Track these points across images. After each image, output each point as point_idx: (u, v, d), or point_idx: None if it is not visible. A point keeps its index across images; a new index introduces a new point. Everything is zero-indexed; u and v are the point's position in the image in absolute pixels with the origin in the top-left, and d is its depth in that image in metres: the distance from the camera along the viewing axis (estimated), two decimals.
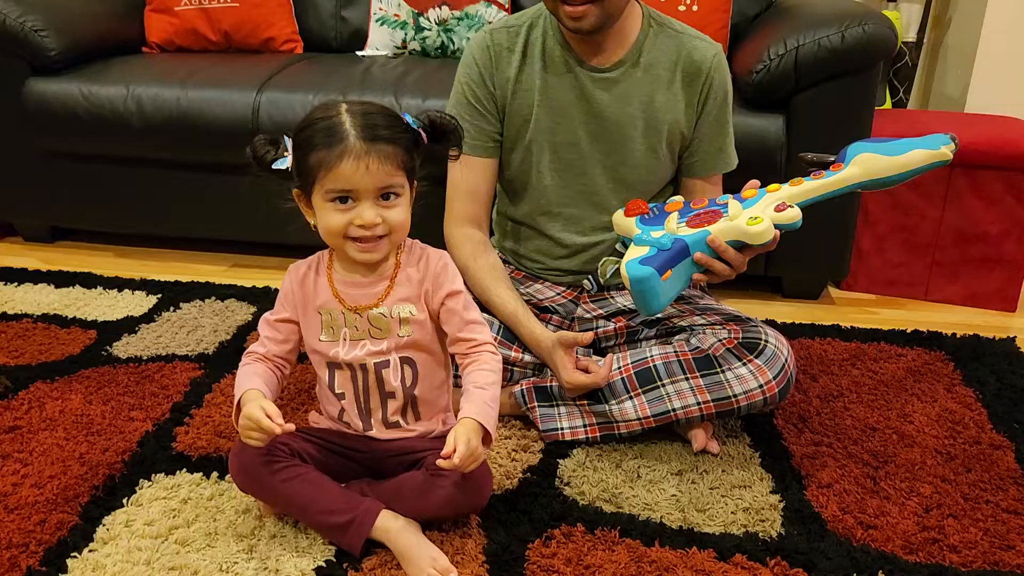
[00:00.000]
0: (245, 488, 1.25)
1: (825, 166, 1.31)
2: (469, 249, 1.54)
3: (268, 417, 1.12)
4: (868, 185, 1.29)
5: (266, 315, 1.27)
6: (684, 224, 1.30)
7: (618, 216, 1.36)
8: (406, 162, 1.16)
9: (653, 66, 1.48)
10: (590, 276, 1.51)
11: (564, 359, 1.44)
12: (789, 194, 1.29)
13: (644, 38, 1.48)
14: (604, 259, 1.37)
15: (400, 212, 1.17)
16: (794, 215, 1.25)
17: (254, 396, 1.17)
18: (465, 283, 1.52)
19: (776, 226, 1.25)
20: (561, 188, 1.55)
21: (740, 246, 1.28)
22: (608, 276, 1.37)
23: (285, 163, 1.16)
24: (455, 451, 1.10)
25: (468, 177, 1.55)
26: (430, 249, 1.26)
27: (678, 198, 1.39)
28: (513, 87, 1.51)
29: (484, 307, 1.52)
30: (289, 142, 1.17)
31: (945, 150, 1.27)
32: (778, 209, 1.25)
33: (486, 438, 1.16)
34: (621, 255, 1.33)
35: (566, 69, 1.49)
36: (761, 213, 1.26)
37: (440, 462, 1.11)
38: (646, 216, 1.34)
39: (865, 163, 1.27)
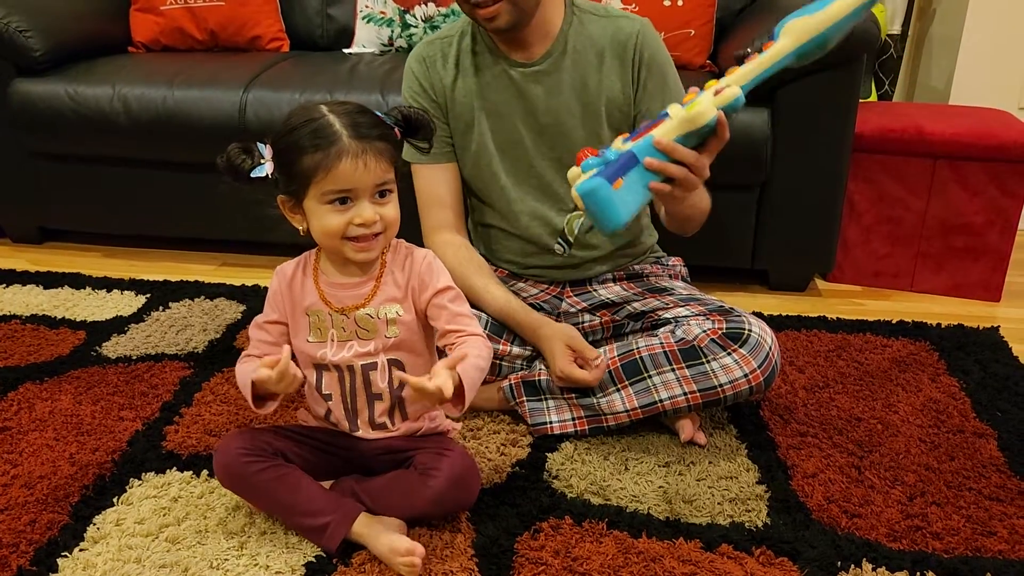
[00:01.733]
0: (228, 486, 1.26)
1: (759, 50, 1.27)
2: (451, 252, 1.55)
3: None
4: (806, 50, 1.23)
5: (256, 319, 1.28)
6: (629, 141, 1.26)
7: (572, 170, 1.29)
8: (394, 158, 1.17)
9: (581, 52, 1.50)
10: (559, 240, 1.51)
11: (564, 350, 1.45)
12: (727, 80, 1.25)
13: (568, 26, 1.50)
14: (569, 215, 1.35)
15: (393, 208, 1.18)
16: (732, 92, 1.20)
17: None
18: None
19: (719, 108, 1.21)
20: (516, 187, 1.57)
21: (694, 144, 1.24)
22: (576, 232, 1.35)
23: (263, 171, 1.15)
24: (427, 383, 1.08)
25: (433, 185, 1.58)
26: (415, 248, 1.26)
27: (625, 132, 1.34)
28: (451, 95, 1.54)
29: (475, 306, 1.53)
30: (266, 149, 1.16)
31: None
32: (716, 92, 1.21)
33: (459, 400, 1.13)
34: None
35: (498, 70, 1.52)
36: (698, 99, 1.22)
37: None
38: (596, 156, 1.27)
39: (794, 29, 1.22)
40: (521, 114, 1.53)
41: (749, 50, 1.28)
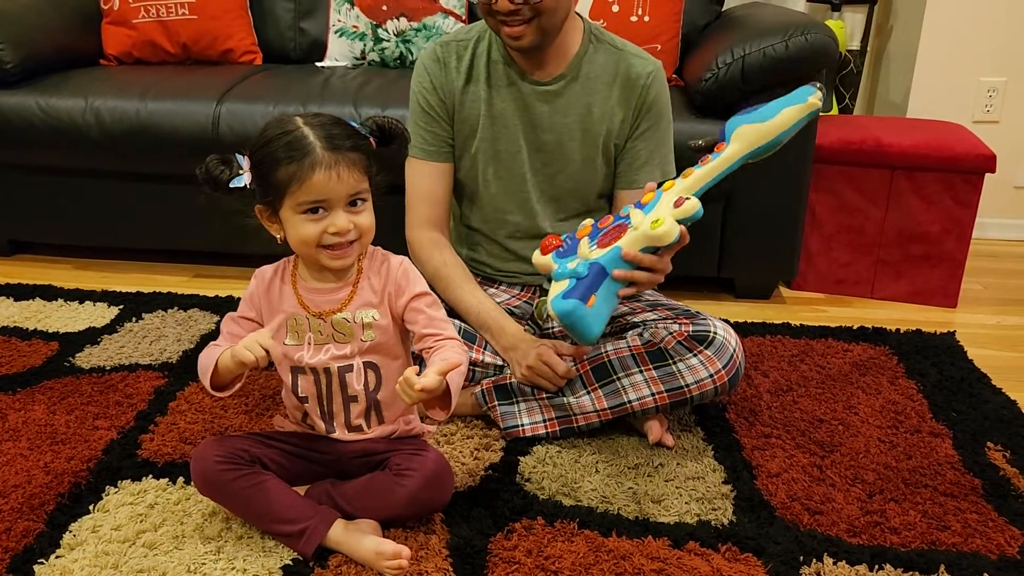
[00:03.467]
0: (205, 493, 1.27)
1: (710, 149, 1.35)
2: (435, 252, 1.59)
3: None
4: (755, 154, 1.32)
5: (230, 314, 1.30)
6: (595, 247, 1.33)
7: (536, 256, 1.38)
8: (368, 168, 1.20)
9: (592, 79, 1.55)
10: (528, 322, 1.56)
11: (536, 352, 1.48)
12: (684, 187, 1.32)
13: (584, 52, 1.55)
14: (537, 301, 1.42)
15: (368, 216, 1.21)
16: (692, 206, 1.27)
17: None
18: (432, 286, 1.57)
19: (679, 221, 1.28)
20: (504, 195, 1.61)
21: (654, 250, 1.31)
22: (545, 316, 1.42)
23: (242, 181, 1.18)
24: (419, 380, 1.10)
25: (426, 182, 1.61)
26: (391, 255, 1.29)
27: (587, 222, 1.41)
28: (460, 98, 1.58)
29: (451, 310, 1.56)
30: (244, 160, 1.19)
31: (812, 100, 1.31)
32: (676, 204, 1.28)
33: (444, 405, 1.18)
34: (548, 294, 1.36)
35: (509, 82, 1.56)
36: (661, 214, 1.29)
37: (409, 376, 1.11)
38: (561, 248, 1.36)
39: (744, 136, 1.31)
40: (523, 128, 1.57)
41: (702, 143, 1.38)
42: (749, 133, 1.31)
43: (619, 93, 1.55)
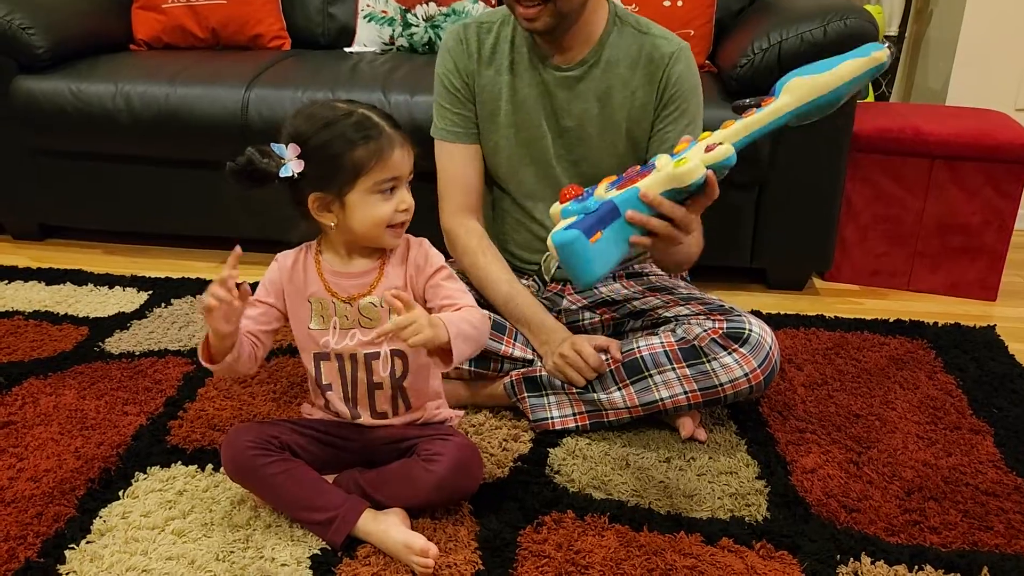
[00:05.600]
0: (235, 479, 1.27)
1: (757, 105, 1.22)
2: (475, 243, 1.57)
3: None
4: (806, 110, 1.18)
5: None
6: (614, 189, 1.21)
7: (554, 207, 1.26)
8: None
9: (613, 64, 1.51)
10: (535, 277, 1.51)
11: (570, 342, 1.47)
12: (721, 136, 1.19)
13: (608, 36, 1.51)
14: (546, 255, 1.35)
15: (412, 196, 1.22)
16: (725, 151, 1.15)
17: None
18: (468, 278, 1.55)
19: (709, 167, 1.15)
20: (536, 181, 1.59)
21: (680, 200, 1.19)
22: (553, 271, 1.35)
23: (289, 170, 1.15)
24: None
25: (458, 166, 1.59)
26: (409, 236, 1.27)
27: (612, 175, 1.28)
28: (479, 81, 1.55)
29: (485, 296, 1.55)
30: (289, 149, 1.15)
31: (877, 54, 1.16)
32: (708, 149, 1.16)
33: (448, 354, 1.14)
34: None
35: (531, 67, 1.53)
36: (688, 155, 1.17)
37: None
38: (580, 197, 1.23)
39: (797, 88, 1.17)
40: (545, 114, 1.55)
41: (748, 101, 1.24)
42: (802, 85, 1.16)
43: (641, 76, 1.51)
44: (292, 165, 1.15)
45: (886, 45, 1.20)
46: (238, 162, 1.14)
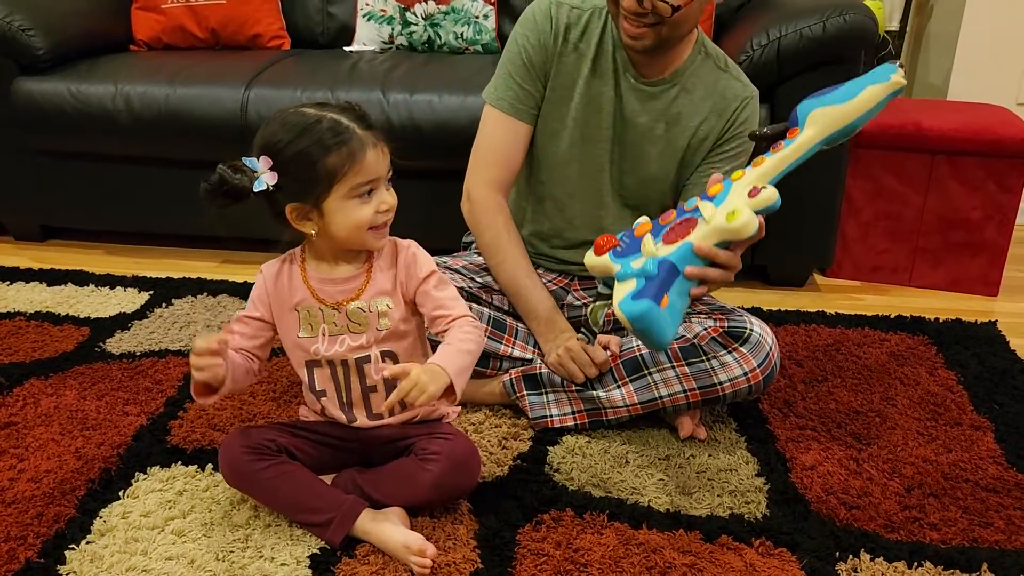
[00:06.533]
0: (233, 484, 1.27)
1: (782, 135, 1.23)
2: (503, 222, 1.54)
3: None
4: (833, 138, 1.21)
5: (239, 313, 1.28)
6: (661, 243, 1.21)
7: (589, 257, 1.26)
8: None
9: (690, 91, 1.50)
10: (583, 329, 1.48)
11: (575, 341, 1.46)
12: (757, 175, 1.21)
13: (691, 64, 1.50)
14: (592, 306, 1.33)
15: (394, 193, 1.20)
16: (770, 195, 1.16)
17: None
18: (484, 255, 1.54)
19: (756, 212, 1.17)
20: (578, 179, 1.56)
21: (727, 244, 1.20)
22: (601, 323, 1.33)
23: (262, 184, 1.13)
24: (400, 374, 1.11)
25: (507, 141, 1.54)
26: (397, 239, 1.26)
27: (644, 219, 1.28)
28: (562, 64, 1.51)
29: (500, 284, 1.55)
30: (261, 162, 1.13)
31: (896, 78, 1.19)
32: (752, 195, 1.17)
33: (450, 391, 1.15)
34: (607, 298, 1.26)
35: (612, 69, 1.50)
36: (737, 205, 1.17)
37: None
38: (618, 248, 1.24)
39: (821, 119, 1.20)
40: (613, 119, 1.52)
41: (767, 131, 1.26)
42: (826, 116, 1.19)
43: (712, 108, 1.49)
44: (265, 178, 1.13)
45: (899, 65, 1.20)
46: (211, 181, 1.12)
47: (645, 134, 1.52)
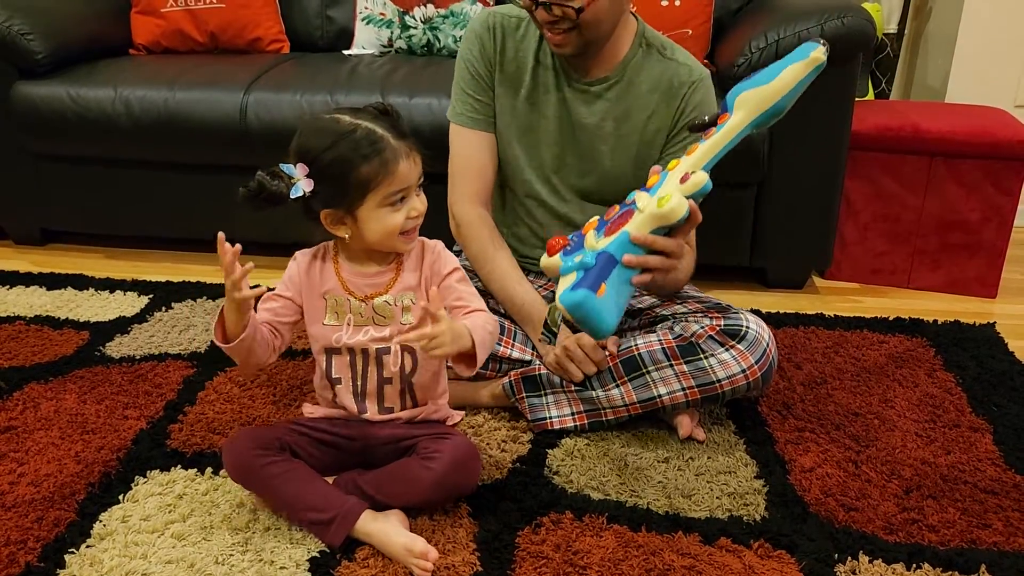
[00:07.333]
0: (237, 480, 1.28)
1: (714, 122, 1.26)
2: (487, 233, 1.56)
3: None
4: (762, 120, 1.23)
5: (267, 292, 1.29)
6: (602, 236, 1.25)
7: (543, 260, 1.29)
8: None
9: (635, 85, 1.51)
10: (543, 331, 1.51)
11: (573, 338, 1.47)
12: (689, 163, 1.24)
13: (632, 57, 1.51)
14: (550, 306, 1.37)
15: (425, 197, 1.23)
16: (700, 179, 1.19)
17: None
18: (474, 267, 1.56)
19: (688, 197, 1.20)
20: (538, 183, 1.59)
21: (666, 231, 1.23)
22: (559, 323, 1.37)
23: (300, 190, 1.16)
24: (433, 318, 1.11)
25: (475, 153, 1.57)
26: (424, 239, 1.29)
27: (594, 218, 1.32)
28: (505, 72, 1.54)
29: (494, 293, 1.56)
30: (297, 168, 1.16)
31: (815, 54, 1.20)
32: (683, 180, 1.20)
33: (471, 360, 1.18)
34: None
35: (553, 75, 1.52)
36: (668, 190, 1.21)
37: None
38: (568, 247, 1.27)
39: (746, 102, 1.22)
40: (560, 122, 1.54)
41: (706, 118, 1.28)
42: (752, 99, 1.22)
43: (660, 99, 1.50)
44: (302, 185, 1.16)
45: (821, 43, 1.22)
46: (250, 187, 1.16)
47: (595, 133, 1.53)
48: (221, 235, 1.12)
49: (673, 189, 1.21)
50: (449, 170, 1.60)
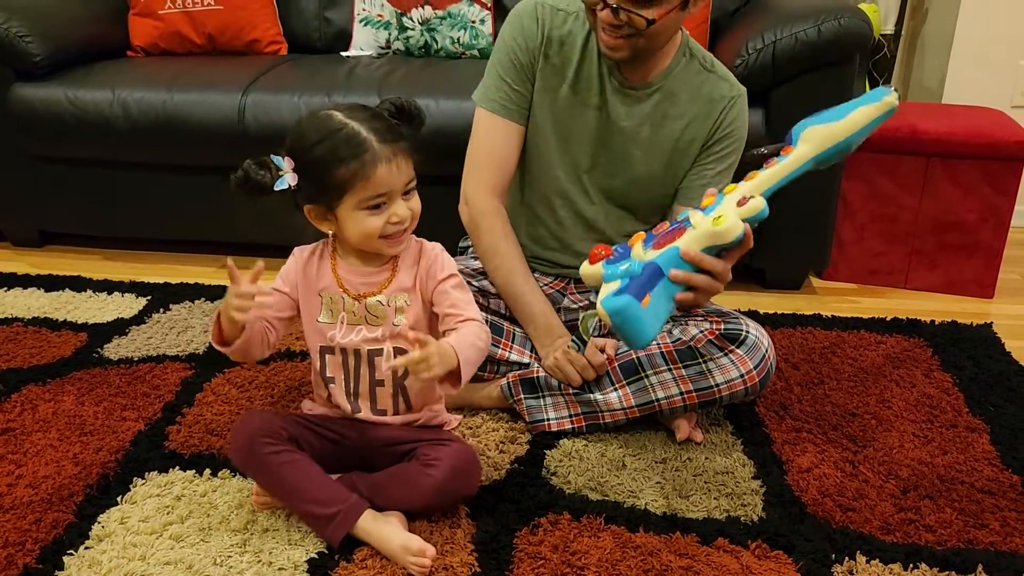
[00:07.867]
0: (241, 465, 1.28)
1: (776, 154, 1.28)
2: (500, 226, 1.54)
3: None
4: (826, 156, 1.25)
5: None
6: (650, 249, 1.24)
7: (584, 268, 1.28)
8: (413, 153, 1.21)
9: (674, 94, 1.50)
10: (573, 339, 1.50)
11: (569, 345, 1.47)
12: (750, 187, 1.25)
13: (675, 67, 1.50)
14: (583, 315, 1.36)
15: (417, 201, 1.22)
16: (757, 204, 1.20)
17: None
18: (483, 261, 1.55)
19: (743, 220, 1.20)
20: (566, 180, 1.56)
21: (717, 252, 1.24)
22: (591, 331, 1.36)
23: (285, 183, 1.17)
24: (418, 341, 1.10)
25: (502, 143, 1.54)
26: (424, 241, 1.29)
27: (640, 232, 1.31)
28: (548, 64, 1.51)
29: (498, 289, 1.55)
30: (285, 161, 1.17)
31: (888, 99, 1.24)
32: (740, 203, 1.21)
33: (456, 379, 1.16)
34: None
35: (597, 72, 1.50)
36: (724, 211, 1.21)
37: (410, 334, 1.11)
38: (611, 257, 1.27)
39: (813, 137, 1.24)
40: (598, 121, 1.52)
41: (765, 150, 1.30)
42: (818, 134, 1.24)
43: (698, 111, 1.50)
44: (287, 178, 1.17)
45: (894, 88, 1.25)
46: (236, 175, 1.17)
47: (631, 137, 1.52)
48: (230, 262, 1.14)
49: (730, 210, 1.21)
50: (468, 155, 1.56)
